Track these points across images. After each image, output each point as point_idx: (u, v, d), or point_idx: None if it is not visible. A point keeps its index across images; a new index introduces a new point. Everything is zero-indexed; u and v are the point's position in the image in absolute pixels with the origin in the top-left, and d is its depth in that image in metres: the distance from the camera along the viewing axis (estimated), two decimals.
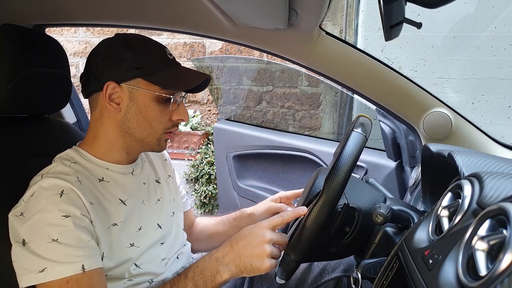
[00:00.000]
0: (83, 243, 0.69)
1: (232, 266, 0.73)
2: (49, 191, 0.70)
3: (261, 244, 0.72)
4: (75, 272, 0.66)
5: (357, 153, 0.65)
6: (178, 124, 0.85)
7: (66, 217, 0.68)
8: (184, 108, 0.84)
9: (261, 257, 0.72)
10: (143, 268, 0.81)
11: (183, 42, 3.14)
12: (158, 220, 0.88)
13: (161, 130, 0.81)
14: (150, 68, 0.77)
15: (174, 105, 0.81)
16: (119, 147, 0.82)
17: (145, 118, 0.79)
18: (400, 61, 2.50)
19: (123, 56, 0.76)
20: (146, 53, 0.79)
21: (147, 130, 0.80)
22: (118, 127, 0.80)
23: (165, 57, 0.81)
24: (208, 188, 2.88)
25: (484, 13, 2.35)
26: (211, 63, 2.69)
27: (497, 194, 0.50)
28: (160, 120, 0.80)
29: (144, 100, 0.78)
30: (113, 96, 0.78)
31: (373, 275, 0.72)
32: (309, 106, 2.85)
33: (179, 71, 0.81)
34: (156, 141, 0.82)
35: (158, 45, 0.82)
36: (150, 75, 0.77)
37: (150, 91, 0.78)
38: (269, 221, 0.76)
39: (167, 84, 0.78)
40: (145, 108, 0.78)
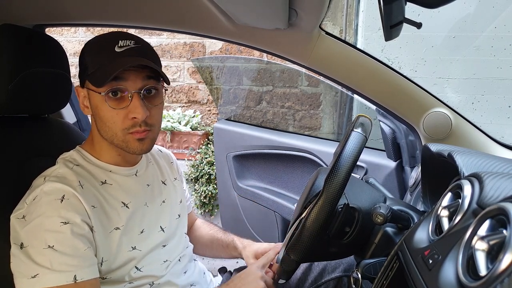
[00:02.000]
0: (79, 252, 0.69)
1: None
2: (51, 196, 0.70)
3: (255, 279, 0.82)
4: (66, 282, 0.66)
5: (357, 153, 0.65)
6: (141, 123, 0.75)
7: (64, 224, 0.68)
8: (136, 104, 0.74)
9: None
10: (144, 271, 0.81)
11: (183, 42, 3.14)
12: (161, 222, 0.88)
13: (120, 131, 0.75)
14: (93, 66, 0.75)
15: (124, 102, 0.74)
16: (107, 149, 0.81)
17: (101, 120, 0.76)
18: (400, 61, 2.49)
19: (82, 60, 0.78)
20: (94, 51, 0.76)
21: (108, 132, 0.76)
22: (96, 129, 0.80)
23: (112, 51, 0.74)
24: (208, 188, 2.88)
25: (484, 13, 2.35)
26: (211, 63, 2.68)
27: (497, 194, 0.50)
28: (112, 120, 0.74)
29: (95, 101, 0.76)
30: (84, 100, 0.79)
31: (373, 275, 0.72)
32: (309, 106, 2.85)
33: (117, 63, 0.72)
34: (122, 143, 0.77)
35: (110, 39, 0.75)
36: (91, 74, 0.75)
37: (93, 91, 0.75)
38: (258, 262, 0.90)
39: (97, 80, 0.73)
40: (97, 109, 0.76)
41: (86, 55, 0.77)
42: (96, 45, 0.77)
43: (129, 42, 0.76)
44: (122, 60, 0.73)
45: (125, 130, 0.75)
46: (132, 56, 0.75)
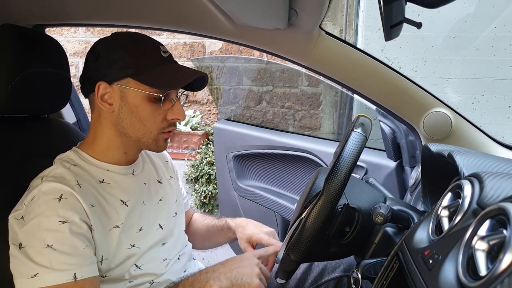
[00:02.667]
0: (78, 251, 0.69)
1: (223, 278, 0.76)
2: (49, 195, 0.70)
3: (251, 264, 0.79)
4: (66, 280, 0.66)
5: (357, 153, 0.65)
6: (175, 124, 0.84)
7: (63, 223, 0.68)
8: (180, 107, 0.82)
9: (251, 275, 0.77)
10: (144, 269, 0.81)
11: (183, 42, 3.14)
12: (159, 220, 0.88)
13: (156, 130, 0.80)
14: (140, 67, 0.76)
15: (167, 104, 0.80)
16: (117, 147, 0.82)
17: (138, 118, 0.78)
18: (400, 61, 2.49)
19: (114, 55, 0.76)
20: (137, 52, 0.77)
21: (141, 130, 0.79)
22: (114, 127, 0.80)
23: (158, 55, 0.79)
24: (208, 188, 2.88)
25: (484, 13, 2.35)
26: (211, 63, 2.68)
27: (497, 194, 0.50)
28: (153, 120, 0.79)
29: (135, 100, 0.77)
30: (105, 96, 0.77)
31: (373, 275, 0.72)
32: (309, 106, 2.85)
33: (171, 69, 0.79)
34: (152, 142, 0.81)
35: (152, 43, 0.80)
36: (139, 74, 0.76)
37: (140, 90, 0.76)
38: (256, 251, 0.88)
39: (155, 82, 0.76)
40: (136, 108, 0.77)
41: (124, 53, 0.76)
42: (138, 45, 0.78)
43: (166, 49, 0.82)
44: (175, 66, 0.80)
45: (161, 129, 0.81)
46: (175, 63, 0.82)
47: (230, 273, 0.77)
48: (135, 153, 0.87)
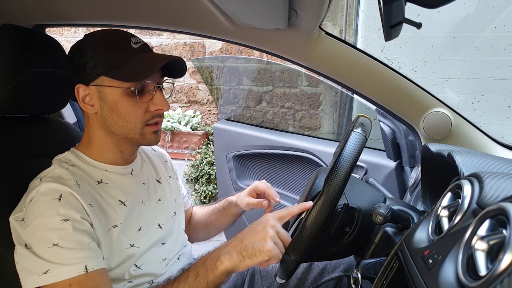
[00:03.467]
0: (84, 245, 0.69)
1: (234, 252, 0.70)
2: (48, 196, 0.70)
3: (264, 228, 0.70)
4: (78, 273, 0.67)
5: (357, 153, 0.65)
6: (161, 115, 0.81)
7: (65, 221, 0.68)
8: (160, 97, 0.79)
9: (263, 239, 0.69)
10: (144, 269, 0.81)
11: (183, 42, 3.14)
12: (158, 220, 0.88)
13: (140, 123, 0.78)
14: (111, 63, 0.75)
15: (147, 96, 0.78)
16: (110, 147, 0.82)
17: (119, 115, 0.77)
18: (400, 61, 2.50)
19: (86, 56, 0.76)
20: (106, 48, 0.76)
21: (126, 127, 0.78)
22: (102, 128, 0.80)
23: (128, 47, 0.77)
24: (208, 188, 2.88)
25: (484, 13, 2.35)
26: (211, 63, 2.68)
27: (497, 194, 0.50)
28: (134, 114, 0.77)
29: (113, 97, 0.76)
30: (86, 98, 0.78)
31: (373, 275, 0.72)
32: (309, 106, 2.85)
33: (143, 59, 0.76)
34: (139, 136, 0.79)
35: (122, 36, 0.78)
36: (111, 70, 0.75)
37: (115, 86, 0.75)
38: (275, 212, 0.76)
39: (126, 76, 0.75)
40: (116, 104, 0.76)
41: (95, 52, 0.76)
42: (105, 42, 0.77)
43: (139, 39, 0.79)
44: (145, 56, 0.77)
45: (145, 122, 0.79)
46: (149, 52, 0.79)
47: (240, 245, 0.70)
48: (131, 152, 0.86)
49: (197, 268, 0.73)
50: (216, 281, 0.71)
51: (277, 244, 0.69)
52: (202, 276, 0.71)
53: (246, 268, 0.71)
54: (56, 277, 0.66)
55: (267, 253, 0.68)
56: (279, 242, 0.70)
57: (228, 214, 1.07)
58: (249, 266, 0.70)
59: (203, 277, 0.71)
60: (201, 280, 0.71)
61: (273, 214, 0.75)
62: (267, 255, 0.68)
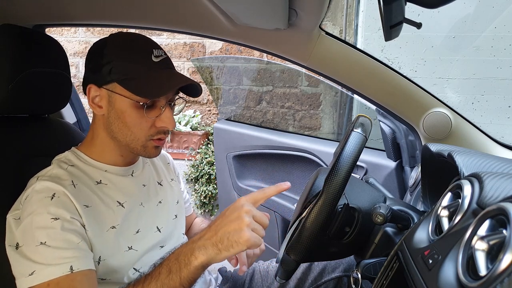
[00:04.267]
0: (73, 245, 0.68)
1: (209, 245, 0.66)
2: (41, 194, 0.70)
3: (239, 216, 0.65)
4: (62, 273, 0.66)
5: (357, 153, 0.65)
6: (166, 132, 0.80)
7: (55, 220, 0.68)
8: (168, 115, 0.78)
9: (239, 229, 0.64)
10: (143, 272, 0.81)
11: (183, 42, 3.14)
12: (157, 223, 0.87)
13: (144, 137, 0.78)
14: (127, 73, 0.74)
15: (155, 111, 0.77)
16: (111, 149, 0.81)
17: (124, 124, 0.77)
18: (400, 61, 2.50)
19: (105, 59, 0.75)
20: (126, 57, 0.75)
21: (129, 136, 0.77)
22: (106, 130, 0.79)
23: (148, 60, 0.76)
24: (208, 188, 2.88)
25: (484, 13, 2.35)
26: (211, 63, 2.68)
27: (497, 194, 0.50)
28: (140, 126, 0.77)
29: (121, 106, 0.76)
30: (96, 99, 0.78)
31: (373, 275, 0.72)
32: (309, 106, 2.85)
33: (160, 76, 0.76)
34: (141, 148, 0.79)
35: (145, 47, 0.77)
36: (126, 80, 0.74)
37: (126, 97, 0.75)
38: (249, 195, 0.70)
39: (140, 90, 0.74)
40: (123, 113, 0.76)
41: (115, 57, 0.75)
42: (127, 50, 0.76)
43: (162, 52, 0.79)
44: (163, 74, 0.76)
45: (149, 136, 0.78)
46: (169, 69, 0.79)
47: (215, 237, 0.65)
48: (131, 156, 0.86)
49: (170, 263, 0.69)
50: (190, 276, 0.67)
51: (256, 230, 0.65)
52: (175, 273, 0.67)
53: (223, 259, 0.67)
54: (41, 278, 0.65)
55: (245, 243, 0.63)
56: (257, 227, 0.66)
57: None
58: (227, 258, 0.67)
59: (175, 273, 0.67)
60: (174, 277, 0.67)
61: (247, 198, 0.69)
62: (245, 245, 0.63)
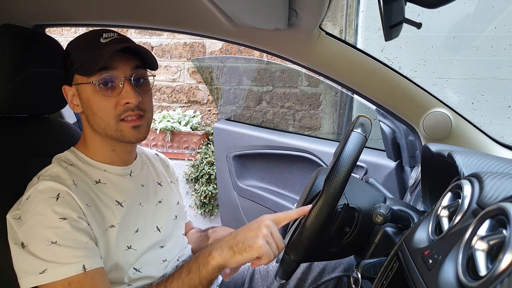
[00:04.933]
0: (82, 244, 0.69)
1: (225, 247, 0.70)
2: (45, 194, 0.70)
3: (258, 227, 0.70)
4: (76, 272, 0.66)
5: (357, 153, 0.65)
6: (132, 108, 0.77)
7: (63, 220, 0.68)
8: (128, 89, 0.76)
9: (255, 236, 0.69)
10: (143, 271, 0.81)
11: (183, 42, 3.14)
12: (157, 223, 0.87)
13: (112, 119, 0.76)
14: (81, 60, 0.77)
15: (116, 90, 0.76)
16: (101, 146, 0.82)
17: (93, 112, 0.77)
18: (400, 61, 2.49)
19: (66, 58, 0.80)
20: (79, 47, 0.79)
21: (101, 124, 0.78)
22: (89, 125, 0.81)
23: (97, 42, 0.76)
24: (208, 188, 2.88)
25: (484, 13, 2.35)
26: (211, 63, 2.68)
27: (497, 194, 0.50)
28: (105, 109, 0.76)
29: (85, 94, 0.78)
30: (73, 99, 0.81)
31: (373, 275, 0.72)
32: (309, 106, 2.85)
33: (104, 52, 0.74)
34: (117, 133, 0.78)
35: (95, 33, 0.78)
36: (79, 67, 0.77)
37: (84, 83, 0.77)
38: (273, 214, 0.75)
39: (87, 70, 0.75)
40: (89, 101, 0.77)
41: (72, 53, 0.79)
42: (80, 42, 0.80)
43: (113, 34, 0.79)
44: (109, 48, 0.76)
45: (117, 117, 0.77)
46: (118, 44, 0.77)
47: (232, 240, 0.71)
48: (125, 151, 0.85)
49: (190, 264, 0.73)
50: (208, 276, 0.71)
51: (270, 244, 0.69)
52: (194, 272, 0.72)
53: (237, 264, 0.70)
54: (54, 276, 0.65)
55: (257, 250, 0.67)
56: (272, 242, 0.69)
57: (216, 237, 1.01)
58: (240, 262, 0.70)
59: (195, 272, 0.71)
60: (194, 276, 0.71)
61: (271, 216, 0.74)
62: (257, 251, 0.67)
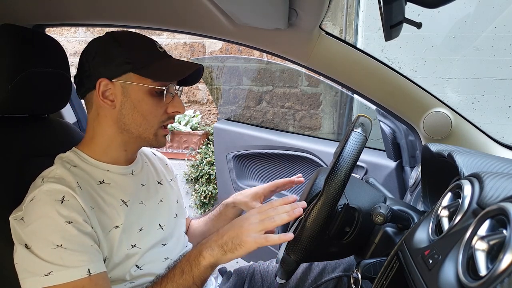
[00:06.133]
0: (87, 248, 0.69)
1: (215, 246, 0.71)
2: (50, 196, 0.70)
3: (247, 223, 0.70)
4: (81, 276, 0.66)
5: (357, 153, 0.65)
6: (174, 117, 0.85)
7: (69, 223, 0.68)
8: (179, 100, 0.83)
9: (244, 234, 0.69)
10: (145, 269, 0.81)
11: (183, 42, 3.14)
12: (159, 221, 0.88)
13: (157, 124, 0.81)
14: (141, 61, 0.78)
15: (168, 97, 0.81)
16: (117, 145, 0.82)
17: (140, 113, 0.79)
18: (400, 61, 2.49)
19: (114, 52, 0.77)
20: (136, 47, 0.79)
21: (143, 125, 0.80)
22: (115, 124, 0.80)
23: (155, 50, 0.81)
24: (208, 188, 2.88)
25: (484, 13, 2.35)
26: (211, 63, 2.68)
27: (497, 194, 0.50)
28: (155, 113, 0.80)
29: (138, 94, 0.78)
30: (106, 93, 0.78)
31: (373, 275, 0.72)
32: (309, 106, 2.85)
33: (170, 63, 0.81)
34: (153, 136, 0.82)
35: (148, 39, 0.82)
36: (141, 68, 0.77)
37: (143, 84, 0.78)
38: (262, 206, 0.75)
39: (158, 76, 0.78)
40: (139, 102, 0.78)
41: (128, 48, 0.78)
42: (138, 41, 0.80)
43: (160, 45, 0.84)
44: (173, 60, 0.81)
45: (161, 123, 0.82)
46: (171, 57, 0.83)
47: (221, 239, 0.71)
48: (135, 151, 0.88)
49: (182, 265, 0.74)
50: (201, 276, 0.73)
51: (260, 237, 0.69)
52: (187, 273, 0.73)
53: (230, 260, 0.72)
54: (59, 279, 0.65)
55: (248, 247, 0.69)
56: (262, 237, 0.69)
57: (226, 218, 1.05)
58: (233, 259, 0.71)
59: (188, 273, 0.73)
60: (187, 277, 0.73)
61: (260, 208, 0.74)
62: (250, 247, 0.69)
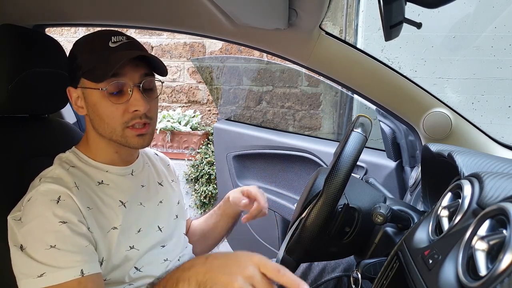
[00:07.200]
0: (81, 249, 0.69)
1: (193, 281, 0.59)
2: (46, 196, 0.70)
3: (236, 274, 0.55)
4: (74, 277, 0.66)
5: (357, 153, 0.65)
6: (141, 116, 0.77)
7: (63, 223, 0.68)
8: (137, 97, 0.75)
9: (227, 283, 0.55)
10: (144, 271, 0.81)
11: (183, 42, 3.14)
12: (158, 222, 0.87)
13: (119, 125, 0.76)
14: (89, 64, 0.75)
15: (124, 96, 0.75)
16: (104, 148, 0.82)
17: (99, 117, 0.77)
18: (400, 61, 2.49)
19: (72, 60, 0.78)
20: (85, 50, 0.77)
21: (107, 129, 0.77)
22: (93, 128, 0.80)
23: (106, 46, 0.75)
24: (208, 188, 2.88)
25: (484, 13, 2.35)
26: (211, 63, 2.68)
27: (497, 194, 0.50)
28: (112, 115, 0.75)
29: (92, 99, 0.76)
30: (77, 101, 0.80)
31: (373, 275, 0.72)
32: (309, 106, 2.85)
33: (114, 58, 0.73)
34: (121, 138, 0.77)
35: (103, 36, 0.77)
36: (87, 71, 0.75)
37: (93, 88, 0.75)
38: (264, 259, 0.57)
39: (97, 76, 0.73)
40: (95, 106, 0.76)
41: (78, 54, 0.77)
42: (88, 44, 0.78)
43: (122, 38, 0.78)
44: (120, 54, 0.74)
45: (124, 124, 0.76)
46: (128, 50, 0.76)
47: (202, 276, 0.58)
48: (128, 152, 0.85)
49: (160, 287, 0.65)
50: None
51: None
52: None
53: None
54: (51, 280, 0.65)
55: None
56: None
57: (225, 215, 1.05)
58: None
59: None
60: None
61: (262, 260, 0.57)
62: None
